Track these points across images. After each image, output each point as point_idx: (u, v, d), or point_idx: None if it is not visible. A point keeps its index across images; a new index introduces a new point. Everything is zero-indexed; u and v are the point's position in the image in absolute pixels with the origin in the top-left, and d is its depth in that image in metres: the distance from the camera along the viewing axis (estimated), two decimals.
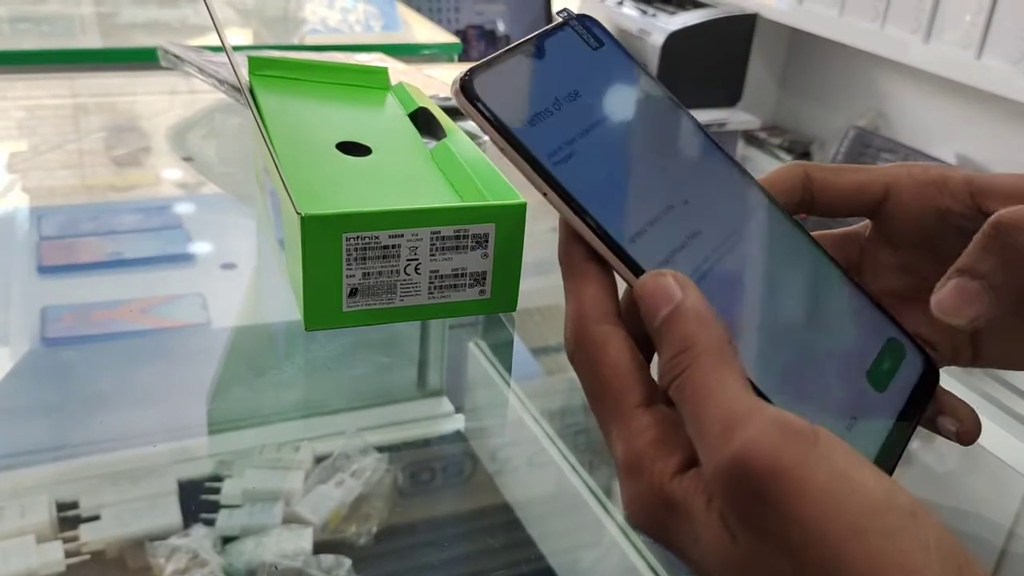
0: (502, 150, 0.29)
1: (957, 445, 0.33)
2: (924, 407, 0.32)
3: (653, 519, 0.26)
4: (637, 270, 0.28)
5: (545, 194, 0.29)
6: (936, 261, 0.34)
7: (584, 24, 0.32)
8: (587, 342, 0.28)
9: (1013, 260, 0.30)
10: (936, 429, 0.33)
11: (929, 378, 0.33)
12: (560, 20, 0.32)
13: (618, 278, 0.29)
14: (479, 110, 0.28)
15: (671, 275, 0.27)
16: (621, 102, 0.31)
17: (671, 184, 0.31)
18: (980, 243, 0.30)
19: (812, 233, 0.35)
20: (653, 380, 0.28)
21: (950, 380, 0.51)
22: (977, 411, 0.33)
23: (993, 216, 0.30)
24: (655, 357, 0.28)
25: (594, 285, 0.29)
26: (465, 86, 0.29)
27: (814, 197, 0.34)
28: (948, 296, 0.31)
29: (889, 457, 0.30)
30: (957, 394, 0.34)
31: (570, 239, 0.29)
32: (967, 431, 0.32)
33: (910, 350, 0.33)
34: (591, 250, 0.29)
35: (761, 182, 0.34)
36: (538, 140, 0.29)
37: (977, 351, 0.35)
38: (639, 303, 0.27)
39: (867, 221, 0.36)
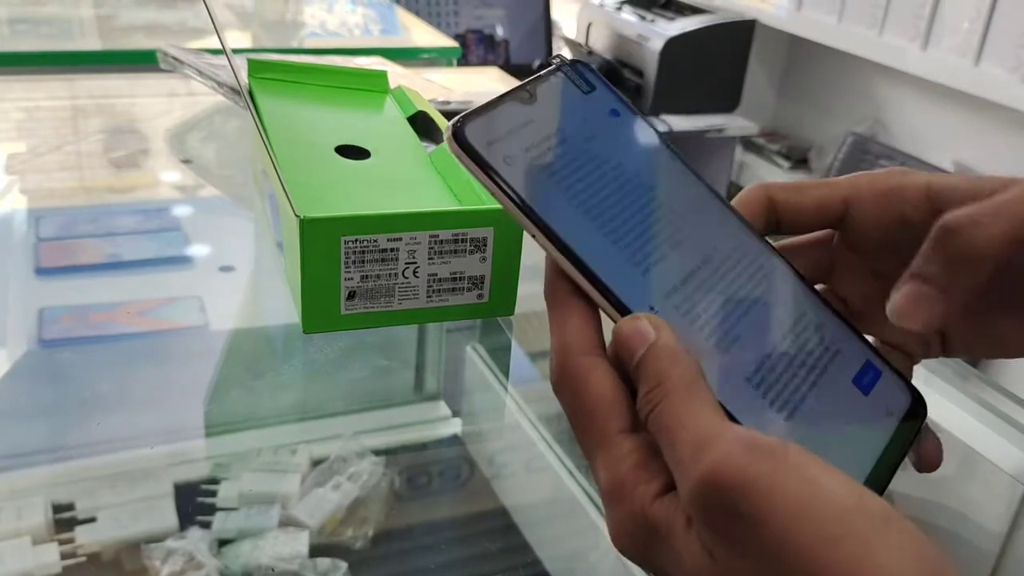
0: (493, 194, 0.29)
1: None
2: (910, 435, 0.32)
3: (637, 543, 0.27)
4: (623, 309, 0.29)
5: (534, 236, 0.29)
6: (903, 266, 0.34)
7: (576, 69, 0.32)
8: (571, 373, 0.29)
9: (957, 261, 0.30)
10: None
11: (915, 406, 0.32)
12: (552, 66, 0.32)
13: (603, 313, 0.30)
14: (471, 157, 0.29)
15: (645, 318, 0.28)
16: (612, 146, 0.32)
17: (660, 226, 0.31)
18: (928, 246, 0.31)
19: (784, 240, 0.36)
20: (635, 408, 0.28)
21: (945, 386, 0.51)
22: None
23: (940, 220, 0.30)
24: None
25: (578, 318, 0.29)
26: (457, 133, 0.29)
27: (779, 219, 0.35)
28: (902, 301, 0.31)
29: (875, 483, 0.30)
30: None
31: (555, 275, 0.30)
32: (926, 463, 0.33)
33: (892, 378, 0.33)
34: (576, 285, 0.29)
35: None
36: (528, 186, 0.29)
37: (946, 342, 0.36)
38: (617, 347, 0.28)
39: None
